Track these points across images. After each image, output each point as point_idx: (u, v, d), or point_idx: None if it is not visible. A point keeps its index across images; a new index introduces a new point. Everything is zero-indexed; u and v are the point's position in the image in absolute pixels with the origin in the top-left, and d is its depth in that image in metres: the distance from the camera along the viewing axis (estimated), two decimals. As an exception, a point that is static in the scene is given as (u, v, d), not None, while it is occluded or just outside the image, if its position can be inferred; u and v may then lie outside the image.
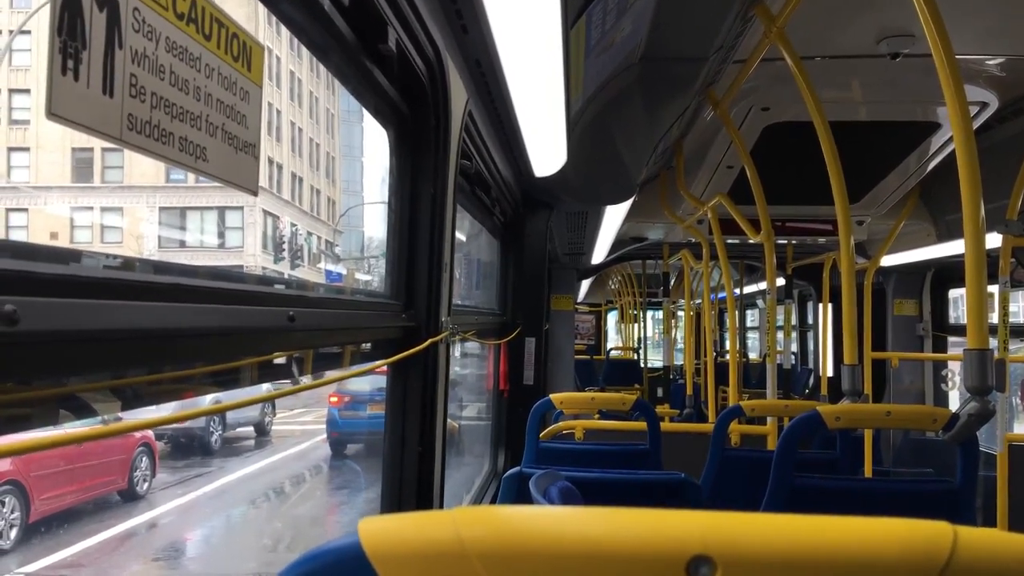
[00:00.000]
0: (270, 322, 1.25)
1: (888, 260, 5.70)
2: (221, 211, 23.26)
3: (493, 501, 3.68)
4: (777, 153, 3.69)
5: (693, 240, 5.83)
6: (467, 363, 6.24)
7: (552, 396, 3.06)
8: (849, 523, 0.48)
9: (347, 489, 13.74)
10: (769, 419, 4.02)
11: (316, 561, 0.51)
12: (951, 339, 6.46)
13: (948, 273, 6.34)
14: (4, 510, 8.76)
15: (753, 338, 12.88)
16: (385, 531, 0.50)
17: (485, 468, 4.63)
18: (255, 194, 1.18)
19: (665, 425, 3.87)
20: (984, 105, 3.19)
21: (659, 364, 10.40)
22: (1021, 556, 0.47)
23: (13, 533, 8.87)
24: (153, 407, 1.09)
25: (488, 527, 0.49)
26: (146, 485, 11.19)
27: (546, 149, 2.88)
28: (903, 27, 2.60)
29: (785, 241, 5.71)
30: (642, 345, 11.35)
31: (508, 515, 0.50)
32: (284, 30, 1.48)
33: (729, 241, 4.97)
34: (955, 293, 6.59)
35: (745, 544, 0.47)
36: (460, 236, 4.29)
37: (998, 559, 0.47)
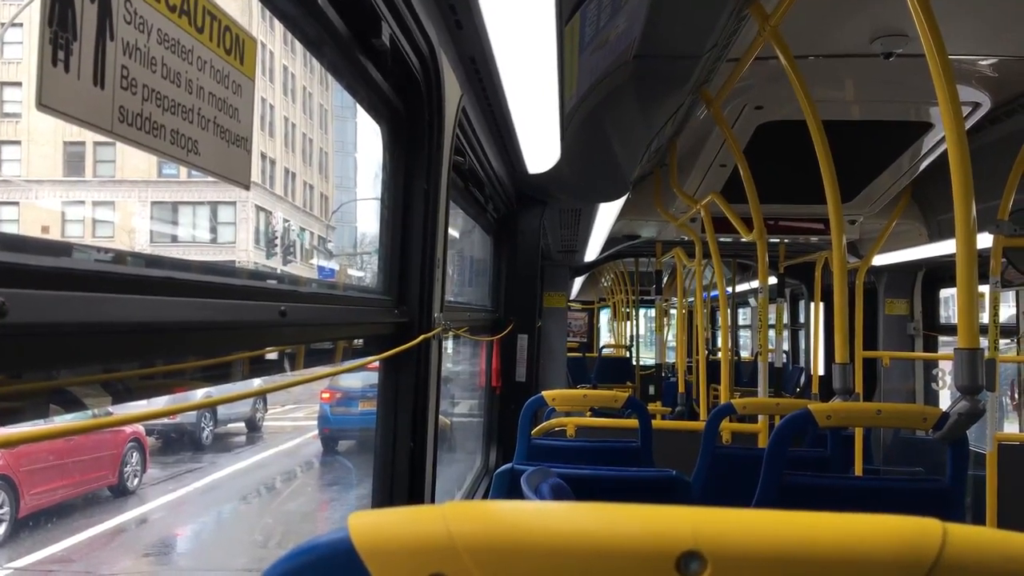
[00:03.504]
0: (261, 317, 1.24)
1: (880, 259, 5.72)
2: (213, 206, 23.16)
3: (484, 497, 3.68)
4: (770, 152, 3.70)
5: (686, 238, 5.84)
6: (459, 359, 6.24)
7: (544, 393, 3.06)
8: (839, 519, 0.48)
9: (338, 485, 13.72)
10: (760, 417, 4.03)
11: (305, 555, 0.51)
12: (942, 338, 6.49)
13: (939, 273, 6.37)
14: (-7, 505, 8.74)
15: (745, 336, 12.92)
16: (374, 525, 0.50)
17: (477, 464, 4.63)
18: (247, 188, 1.18)
19: (657, 423, 3.87)
20: (977, 105, 3.20)
21: (651, 362, 10.41)
22: (1010, 553, 0.47)
23: (2, 528, 8.83)
24: (144, 401, 1.09)
25: (478, 522, 0.48)
26: (136, 480, 11.15)
27: (540, 146, 2.88)
28: (897, 27, 2.61)
29: (777, 240, 5.74)
30: (634, 343, 11.37)
31: (498, 510, 0.50)
32: (277, 24, 1.47)
33: (722, 239, 4.98)
34: (946, 293, 6.62)
35: (735, 540, 0.47)
36: (453, 232, 4.29)
37: (987, 556, 0.47)
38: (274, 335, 1.35)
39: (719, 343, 6.55)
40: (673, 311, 11.68)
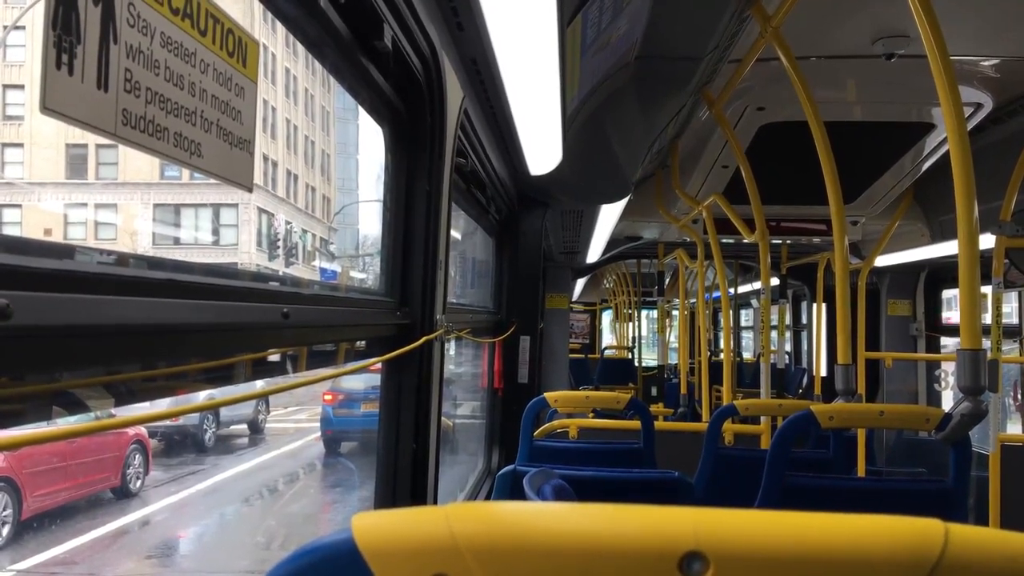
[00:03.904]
0: (264, 318, 1.24)
1: (882, 260, 5.71)
2: (216, 208, 23.19)
3: (487, 499, 3.68)
4: (772, 153, 3.69)
5: (688, 239, 5.84)
6: (461, 361, 6.24)
7: (547, 394, 3.06)
8: (842, 520, 0.48)
9: (341, 487, 13.73)
10: (763, 418, 4.03)
11: (309, 556, 0.51)
12: (944, 339, 6.49)
13: (942, 274, 6.37)
14: (-4, 507, 8.75)
15: (747, 338, 12.91)
16: (378, 526, 0.50)
17: (479, 466, 4.63)
18: (250, 190, 1.18)
19: (659, 424, 3.87)
20: (979, 106, 3.20)
21: (653, 363, 10.41)
22: (1012, 554, 0.47)
23: (5, 530, 8.84)
24: (147, 403, 1.09)
25: (480, 523, 0.49)
26: (139, 482, 11.16)
27: (542, 147, 2.88)
28: (898, 28, 2.61)
29: (780, 241, 5.73)
30: (636, 344, 11.36)
31: (501, 511, 0.50)
32: (280, 26, 1.48)
33: (724, 240, 4.98)
34: (948, 294, 6.62)
35: (738, 540, 0.47)
36: (455, 234, 4.29)
37: (989, 557, 0.47)
38: (276, 337, 1.35)
39: (721, 344, 6.55)
40: (675, 312, 11.68)
